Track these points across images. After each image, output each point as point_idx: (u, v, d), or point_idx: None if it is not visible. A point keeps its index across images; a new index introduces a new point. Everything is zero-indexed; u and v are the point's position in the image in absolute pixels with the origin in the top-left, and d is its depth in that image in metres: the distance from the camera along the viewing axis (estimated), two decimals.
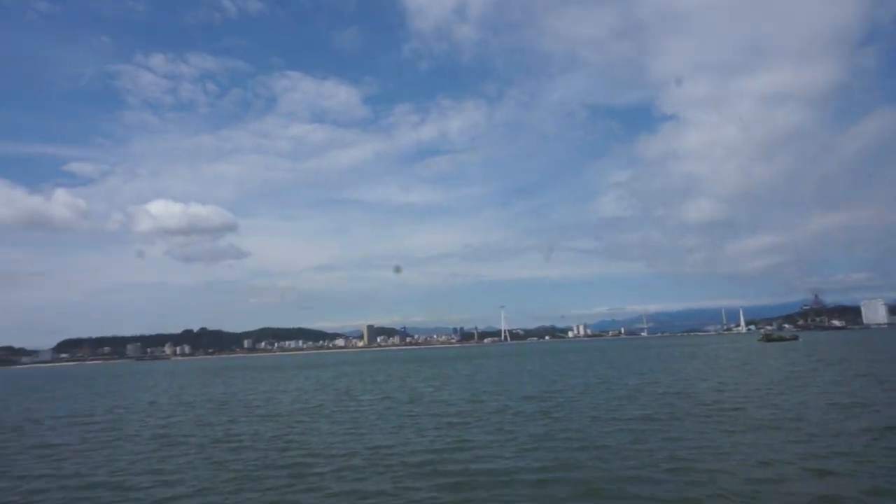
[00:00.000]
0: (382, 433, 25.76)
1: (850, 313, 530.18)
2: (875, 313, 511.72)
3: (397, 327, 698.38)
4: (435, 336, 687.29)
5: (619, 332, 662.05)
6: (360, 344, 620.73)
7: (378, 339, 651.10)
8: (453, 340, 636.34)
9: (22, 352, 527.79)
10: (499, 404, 35.11)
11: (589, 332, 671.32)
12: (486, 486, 15.38)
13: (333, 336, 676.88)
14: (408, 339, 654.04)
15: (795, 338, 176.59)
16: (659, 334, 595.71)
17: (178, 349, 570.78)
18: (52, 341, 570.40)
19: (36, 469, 21.08)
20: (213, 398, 50.42)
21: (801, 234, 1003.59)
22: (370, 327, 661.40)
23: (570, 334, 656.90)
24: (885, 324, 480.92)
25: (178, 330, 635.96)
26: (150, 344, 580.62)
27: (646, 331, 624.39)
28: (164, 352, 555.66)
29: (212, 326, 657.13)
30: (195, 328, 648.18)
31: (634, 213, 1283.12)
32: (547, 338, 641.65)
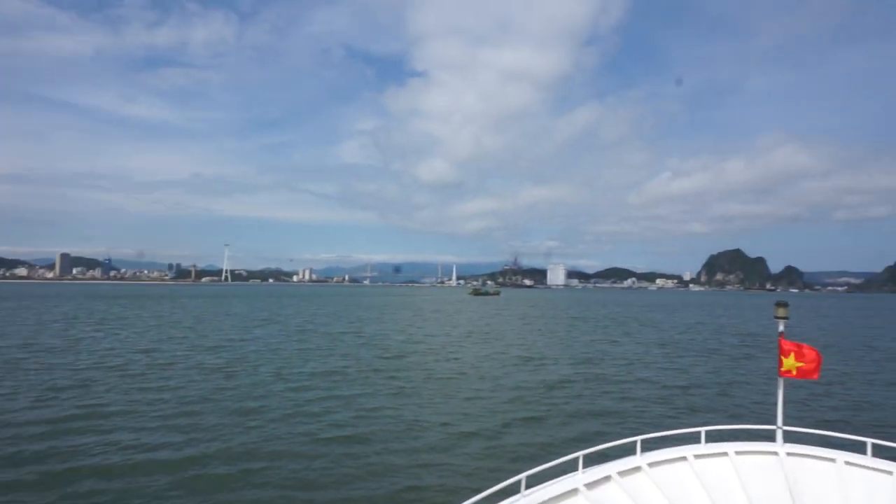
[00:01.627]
0: None
1: (539, 274, 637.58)
2: (557, 276, 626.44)
3: (101, 258, 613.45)
4: (146, 271, 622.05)
5: (344, 279, 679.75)
6: (50, 275, 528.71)
7: (74, 271, 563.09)
8: (167, 277, 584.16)
9: None
10: (173, 355, 29.98)
11: (314, 276, 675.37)
12: (83, 484, 11.04)
13: (14, 263, 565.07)
14: (112, 273, 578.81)
15: (498, 293, 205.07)
16: (381, 283, 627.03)
17: None
18: None
19: None
20: None
21: (512, 203, 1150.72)
22: (65, 256, 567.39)
23: (296, 278, 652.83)
24: (561, 285, 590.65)
25: None
26: None
27: (369, 279, 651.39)
28: None
29: None
30: None
31: (374, 164, 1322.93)
32: (271, 280, 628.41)
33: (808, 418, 16.76)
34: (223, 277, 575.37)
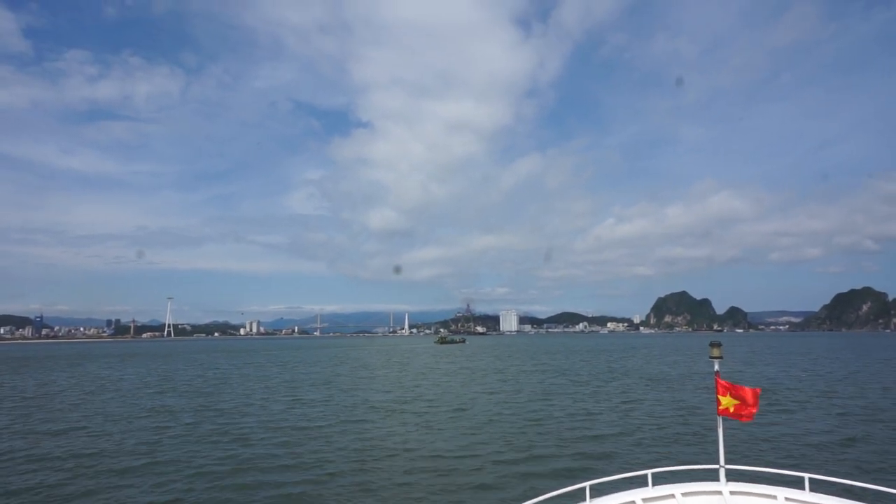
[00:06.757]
0: None
1: (491, 321, 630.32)
2: (509, 322, 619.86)
3: (33, 315, 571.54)
4: (82, 329, 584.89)
5: (293, 331, 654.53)
6: None
7: (2, 331, 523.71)
8: (104, 334, 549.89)
9: None
10: None
11: (262, 329, 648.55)
12: None
13: None
14: (45, 332, 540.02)
15: (463, 341, 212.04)
16: (331, 334, 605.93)
17: None
18: None
19: None
20: None
21: (461, 250, 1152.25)
22: None
23: (243, 331, 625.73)
24: (514, 331, 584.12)
25: None
26: None
27: (319, 330, 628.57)
28: None
29: None
30: None
31: (323, 214, 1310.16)
32: (217, 334, 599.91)
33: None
34: (165, 332, 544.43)
